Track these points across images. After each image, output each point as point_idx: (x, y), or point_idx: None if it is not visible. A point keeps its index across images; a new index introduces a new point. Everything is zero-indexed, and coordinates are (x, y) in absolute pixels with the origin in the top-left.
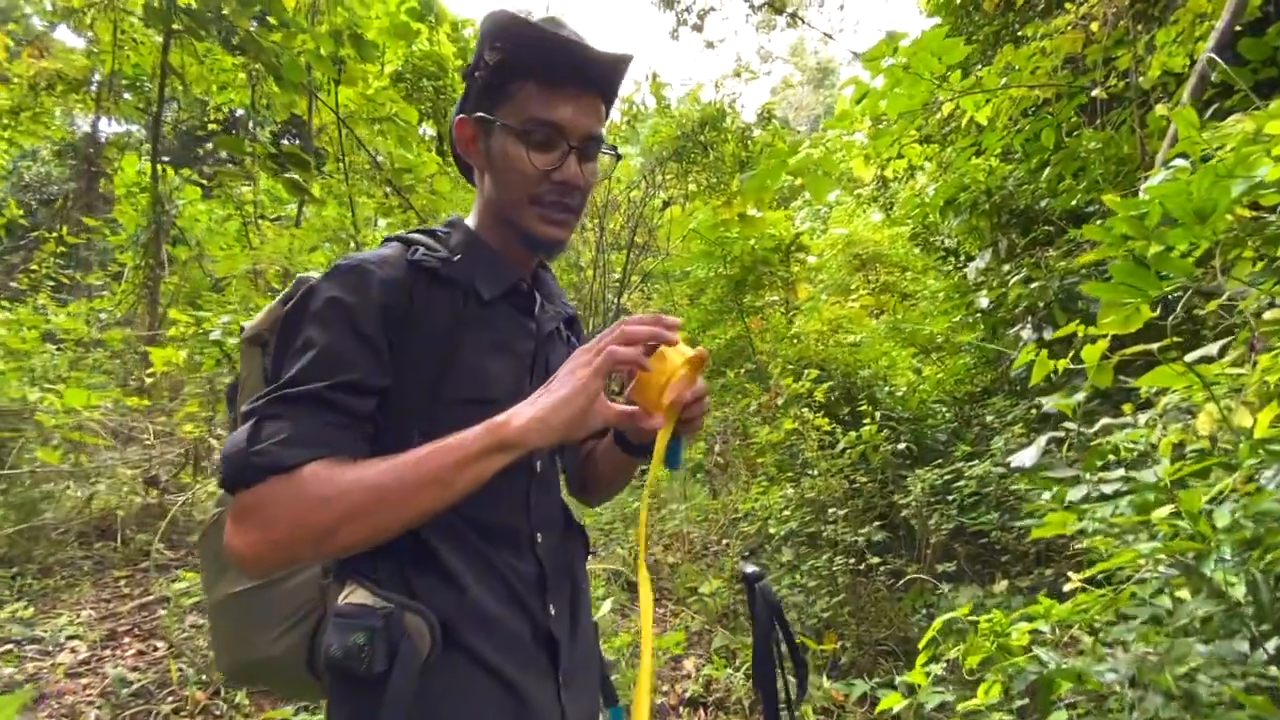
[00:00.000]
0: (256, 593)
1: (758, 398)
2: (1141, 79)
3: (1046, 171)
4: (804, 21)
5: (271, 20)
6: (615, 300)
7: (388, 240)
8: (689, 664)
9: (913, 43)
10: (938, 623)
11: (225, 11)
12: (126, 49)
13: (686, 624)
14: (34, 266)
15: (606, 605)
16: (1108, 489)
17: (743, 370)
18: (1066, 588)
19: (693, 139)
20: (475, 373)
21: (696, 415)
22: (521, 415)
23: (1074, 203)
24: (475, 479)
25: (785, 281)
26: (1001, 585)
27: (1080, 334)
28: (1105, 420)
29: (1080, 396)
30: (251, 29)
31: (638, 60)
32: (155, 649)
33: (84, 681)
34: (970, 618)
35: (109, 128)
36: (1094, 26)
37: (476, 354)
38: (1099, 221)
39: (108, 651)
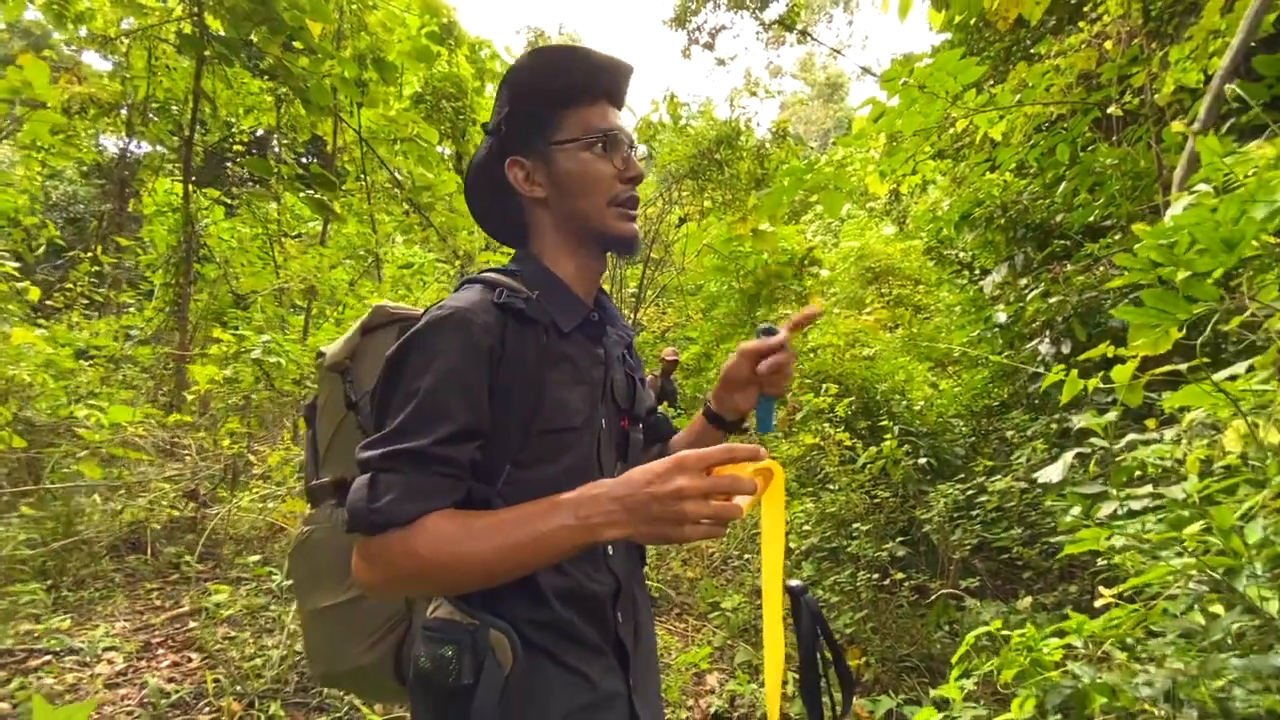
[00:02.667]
0: (347, 607)
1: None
2: (1156, 96)
3: (1062, 186)
4: (813, 38)
5: (297, 45)
6: (632, 315)
7: (467, 283)
8: (712, 679)
9: (929, 63)
10: (970, 637)
11: (255, 39)
12: (159, 75)
13: (709, 639)
14: (69, 285)
15: None
16: (1136, 505)
17: None
18: (1098, 603)
19: (708, 157)
20: (559, 405)
21: (786, 378)
22: (616, 526)
23: (1091, 218)
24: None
25: (798, 295)
26: (1025, 601)
27: (1110, 354)
28: (1131, 436)
29: (1112, 416)
30: (280, 55)
31: (650, 78)
32: (189, 660)
33: (122, 692)
34: (1004, 632)
35: (137, 149)
36: (1108, 45)
37: (560, 387)
38: (1117, 238)
39: (143, 663)
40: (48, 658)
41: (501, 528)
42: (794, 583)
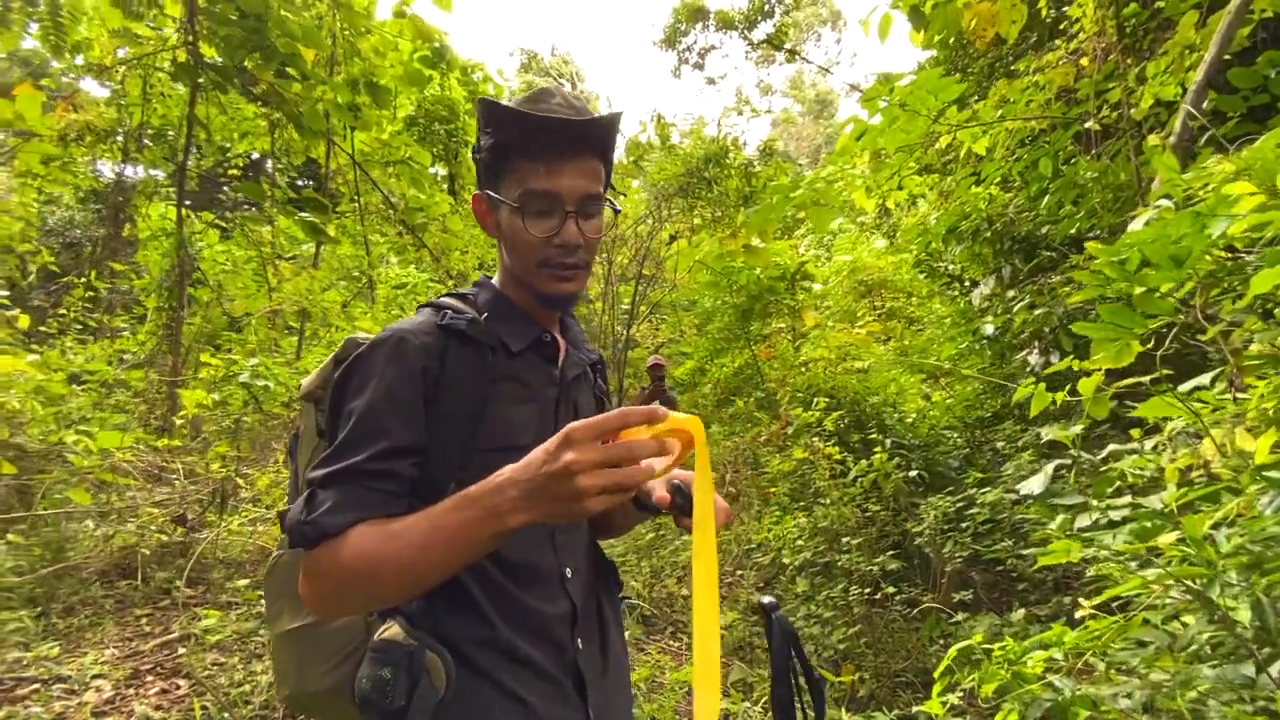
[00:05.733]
0: (310, 630)
1: (768, 426)
2: (1133, 110)
3: (1046, 199)
4: (802, 57)
5: (291, 72)
6: (624, 331)
7: (421, 307)
8: None
9: (910, 82)
10: (952, 651)
11: (249, 66)
12: (154, 102)
13: None
14: (63, 311)
15: None
16: (1116, 515)
17: (752, 398)
18: (1079, 614)
19: (697, 175)
20: (504, 422)
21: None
22: (519, 511)
23: (1074, 230)
24: (488, 553)
25: (791, 309)
26: (1019, 614)
27: (1076, 367)
28: (1113, 446)
29: (1078, 428)
30: (273, 81)
31: (641, 98)
32: (177, 687)
33: None
34: (985, 645)
35: (134, 174)
36: (1084, 61)
37: (505, 405)
38: (1084, 260)
39: (131, 690)
40: (36, 686)
41: (415, 527)
42: (766, 599)
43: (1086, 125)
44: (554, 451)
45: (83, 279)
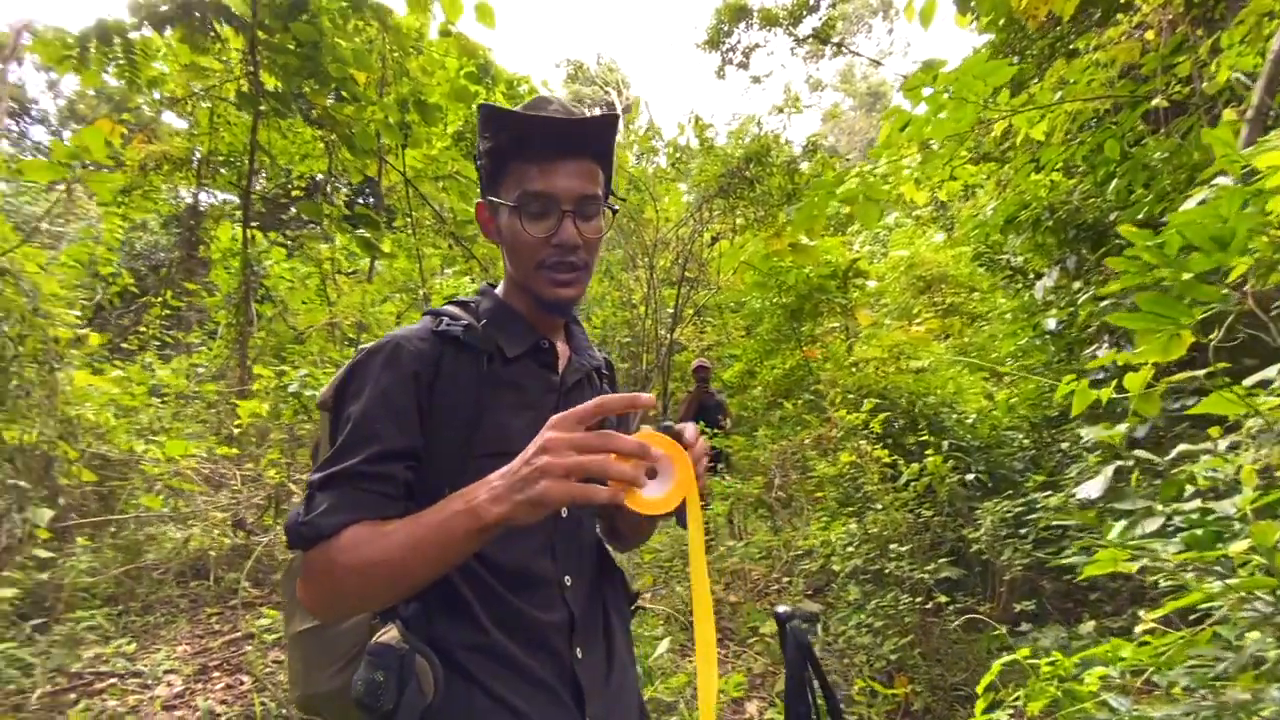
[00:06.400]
0: (318, 631)
1: (816, 429)
2: (1206, 84)
3: (1114, 183)
4: (850, 50)
5: (345, 95)
6: (668, 335)
7: (425, 314)
8: (751, 707)
9: (955, 69)
10: (996, 665)
11: (306, 91)
12: (221, 130)
13: (749, 666)
14: (142, 328)
15: (664, 645)
16: (1182, 522)
17: (801, 401)
18: (1139, 628)
19: (738, 175)
20: (500, 428)
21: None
22: (495, 503)
23: (1139, 214)
24: (475, 550)
25: (844, 308)
26: (1088, 626)
27: (1120, 362)
28: (1183, 446)
29: (1123, 428)
30: (328, 104)
31: (686, 102)
32: (241, 683)
33: (179, 714)
34: (1032, 661)
35: (208, 200)
36: (1150, 35)
37: (501, 411)
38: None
39: (199, 685)
40: (113, 680)
41: (404, 526)
42: (781, 608)
43: (1154, 103)
44: (536, 439)
45: (159, 298)
